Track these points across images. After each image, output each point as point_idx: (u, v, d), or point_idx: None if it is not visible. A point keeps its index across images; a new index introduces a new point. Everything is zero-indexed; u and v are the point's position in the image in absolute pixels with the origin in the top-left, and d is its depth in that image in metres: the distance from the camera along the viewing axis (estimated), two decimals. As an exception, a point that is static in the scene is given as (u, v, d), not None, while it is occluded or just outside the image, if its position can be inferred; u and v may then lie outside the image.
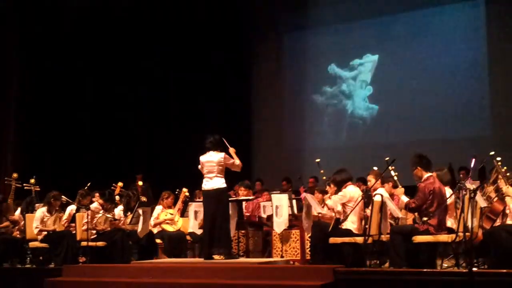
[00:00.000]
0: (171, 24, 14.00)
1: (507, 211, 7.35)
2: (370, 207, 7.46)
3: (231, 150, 8.18)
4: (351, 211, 7.58)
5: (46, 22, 12.69)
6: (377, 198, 7.44)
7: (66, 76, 13.11)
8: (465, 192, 6.83)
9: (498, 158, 7.78)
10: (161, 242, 9.33)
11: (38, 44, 12.73)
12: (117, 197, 9.67)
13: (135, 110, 13.95)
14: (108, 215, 8.97)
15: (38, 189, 10.36)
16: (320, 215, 8.19)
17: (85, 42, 13.20)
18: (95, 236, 8.83)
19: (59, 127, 13.01)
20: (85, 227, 8.64)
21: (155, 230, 9.40)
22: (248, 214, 9.37)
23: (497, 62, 12.46)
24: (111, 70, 13.63)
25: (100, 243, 8.75)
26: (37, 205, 9.81)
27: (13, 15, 12.67)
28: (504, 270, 6.06)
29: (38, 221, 9.01)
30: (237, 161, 8.04)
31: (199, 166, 8.10)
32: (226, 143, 8.16)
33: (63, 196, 9.20)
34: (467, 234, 6.68)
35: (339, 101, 14.23)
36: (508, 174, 7.88)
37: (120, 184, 10.12)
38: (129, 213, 9.19)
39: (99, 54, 13.43)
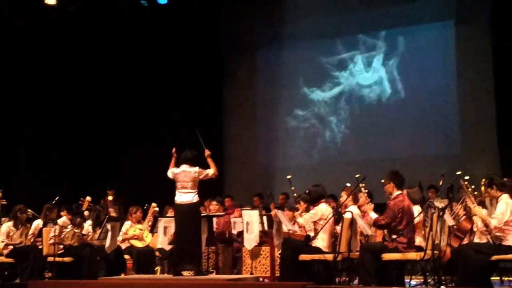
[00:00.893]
0: (144, 37, 13.93)
1: (475, 230, 7.44)
2: (340, 225, 7.50)
3: (206, 153, 8.15)
4: (321, 229, 7.60)
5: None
6: (347, 216, 7.47)
7: (32, 92, 12.96)
8: (433, 211, 6.90)
9: (466, 177, 7.87)
10: (130, 258, 9.21)
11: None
12: (86, 212, 9.53)
13: (105, 124, 13.82)
14: (76, 230, 8.83)
15: (5, 202, 10.18)
16: (290, 231, 8.18)
17: (48, 55, 13.07)
18: (62, 251, 8.68)
19: (27, 141, 12.84)
20: (52, 241, 8.50)
21: (123, 246, 9.28)
22: (218, 230, 9.32)
23: (465, 82, 12.64)
24: (81, 84, 13.53)
25: (67, 259, 8.61)
26: (3, 219, 9.63)
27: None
28: (472, 289, 6.13)
29: (3, 235, 8.85)
30: (211, 170, 8.00)
31: (170, 175, 8.02)
32: (203, 143, 8.13)
33: (29, 210, 9.05)
34: (435, 252, 6.74)
35: (312, 120, 14.26)
36: (475, 193, 7.98)
37: (88, 198, 9.97)
38: (97, 228, 9.06)
39: (67, 68, 13.34)
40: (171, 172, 8.07)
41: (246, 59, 15.00)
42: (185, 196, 7.89)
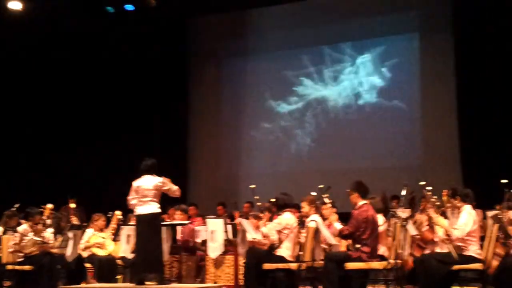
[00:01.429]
0: (106, 47, 13.79)
1: (437, 240, 7.54)
2: (304, 234, 7.52)
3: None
4: (285, 238, 7.61)
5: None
6: (311, 225, 7.49)
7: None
8: (397, 220, 6.97)
9: (429, 188, 7.98)
10: (91, 266, 9.07)
11: None
12: (47, 220, 9.34)
13: (66, 130, 13.63)
14: (37, 238, 8.66)
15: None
16: (255, 240, 8.17)
17: (10, 60, 12.87)
18: (22, 259, 8.50)
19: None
20: (12, 249, 8.32)
21: (85, 254, 9.13)
22: (182, 238, 9.25)
23: (429, 94, 12.84)
24: (42, 90, 13.36)
25: (27, 267, 8.43)
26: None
27: None
28: (433, 297, 6.19)
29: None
30: (177, 188, 7.92)
31: (130, 196, 7.91)
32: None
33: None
34: (398, 261, 6.80)
35: (277, 131, 14.29)
36: (438, 203, 8.09)
37: (49, 206, 9.78)
38: (58, 236, 8.91)
39: (29, 73, 13.17)
40: (132, 186, 7.92)
41: (211, 70, 14.97)
42: (146, 207, 7.75)
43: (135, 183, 7.87)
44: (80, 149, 13.47)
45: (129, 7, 13.67)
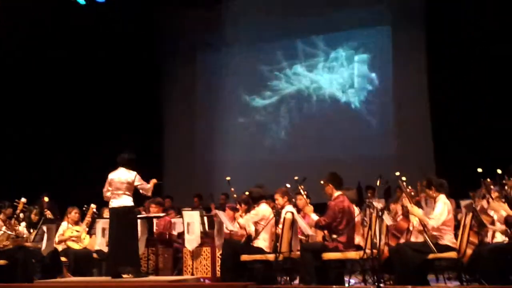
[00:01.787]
0: (77, 40, 13.61)
1: (411, 229, 7.64)
2: (281, 225, 7.55)
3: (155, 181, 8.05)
4: (262, 229, 7.63)
5: None
6: (288, 216, 7.52)
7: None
8: (372, 211, 7.04)
9: (403, 178, 8.07)
10: (66, 260, 9.00)
11: None
12: (21, 214, 9.23)
13: (39, 125, 13.43)
14: (10, 232, 8.55)
15: None
16: (231, 232, 8.18)
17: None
18: (-4, 253, 8.39)
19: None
20: (-16, 244, 8.21)
21: (60, 248, 9.05)
22: (158, 231, 9.21)
23: (401, 85, 12.97)
24: (15, 85, 13.11)
25: (0, 261, 8.31)
26: None
27: None
28: (410, 286, 6.27)
29: None
30: (150, 187, 7.89)
31: (105, 187, 7.87)
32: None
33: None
34: (374, 251, 6.87)
35: (252, 124, 14.31)
36: (412, 193, 8.19)
37: (23, 200, 9.67)
38: (32, 230, 8.81)
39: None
40: (107, 179, 7.88)
41: (186, 64, 14.91)
42: (119, 200, 7.76)
43: (110, 175, 7.87)
44: (53, 143, 13.31)
45: (100, -1, 13.50)
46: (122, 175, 7.80)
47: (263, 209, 7.86)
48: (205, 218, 8.79)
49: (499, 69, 11.39)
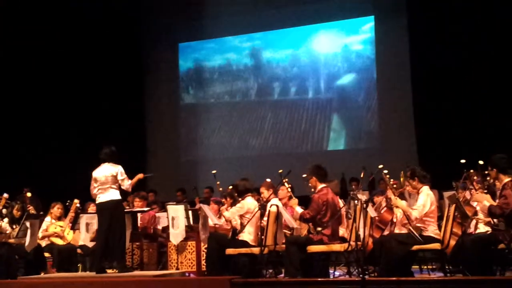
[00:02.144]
0: (58, 33, 13.47)
1: (395, 221, 7.69)
2: (266, 218, 7.55)
3: (141, 176, 8.00)
4: (247, 222, 7.64)
5: None
6: (272, 209, 7.53)
7: None
8: (357, 203, 7.07)
9: (386, 171, 8.11)
10: (50, 256, 8.94)
11: None
12: (3, 210, 9.14)
13: (21, 120, 13.30)
14: (-8, 229, 8.48)
15: None
16: (216, 226, 8.18)
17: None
18: (-22, 250, 8.31)
19: None
20: (-33, 241, 8.13)
21: (43, 243, 8.99)
22: (143, 225, 9.19)
23: (385, 78, 13.02)
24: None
25: (-17, 258, 8.24)
26: None
27: None
28: (394, 278, 6.31)
29: None
30: (129, 184, 7.76)
31: (91, 185, 7.84)
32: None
33: None
34: (358, 243, 6.90)
35: (234, 115, 14.29)
36: (395, 185, 8.24)
37: (5, 195, 9.58)
38: (15, 225, 8.73)
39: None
40: (92, 176, 7.85)
41: (168, 56, 14.84)
42: (107, 194, 7.70)
43: (94, 173, 7.81)
44: (35, 138, 13.19)
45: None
46: (106, 170, 7.75)
47: (249, 202, 7.87)
48: (190, 212, 8.77)
49: (481, 63, 11.47)
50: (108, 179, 7.71)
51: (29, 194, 9.58)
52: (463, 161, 7.12)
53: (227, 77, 14.47)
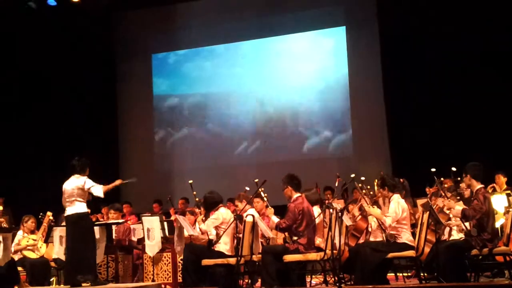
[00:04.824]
0: (31, 43, 13.35)
1: (370, 229, 7.75)
2: (242, 228, 7.55)
3: (119, 182, 7.90)
4: (223, 233, 7.62)
5: None
6: (248, 219, 7.53)
7: None
8: (332, 211, 7.11)
9: (362, 178, 8.18)
10: (23, 269, 8.80)
11: None
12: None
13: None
14: (-36, 243, 8.32)
15: None
16: (192, 237, 8.15)
17: None
18: (-51, 266, 8.15)
19: None
20: None
21: (16, 257, 8.85)
22: (118, 237, 9.11)
23: (357, 86, 13.11)
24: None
25: (-45, 274, 8.09)
26: None
27: None
28: (370, 286, 6.36)
29: None
30: (100, 191, 7.56)
31: (62, 197, 7.75)
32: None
33: None
34: (334, 252, 6.94)
35: (209, 125, 14.25)
36: (371, 193, 8.30)
37: (-23, 209, 9.46)
38: (-13, 240, 8.58)
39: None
40: (63, 189, 7.76)
41: (141, 64, 14.77)
42: (72, 207, 7.59)
43: (64, 185, 7.71)
44: (6, 150, 13.02)
45: (51, 2, 13.23)
46: (72, 183, 7.63)
47: (223, 213, 7.86)
48: (165, 223, 8.72)
49: (454, 70, 11.64)
50: (74, 192, 7.59)
51: (0, 208, 9.46)
52: (433, 169, 7.21)
53: (200, 85, 14.41)
